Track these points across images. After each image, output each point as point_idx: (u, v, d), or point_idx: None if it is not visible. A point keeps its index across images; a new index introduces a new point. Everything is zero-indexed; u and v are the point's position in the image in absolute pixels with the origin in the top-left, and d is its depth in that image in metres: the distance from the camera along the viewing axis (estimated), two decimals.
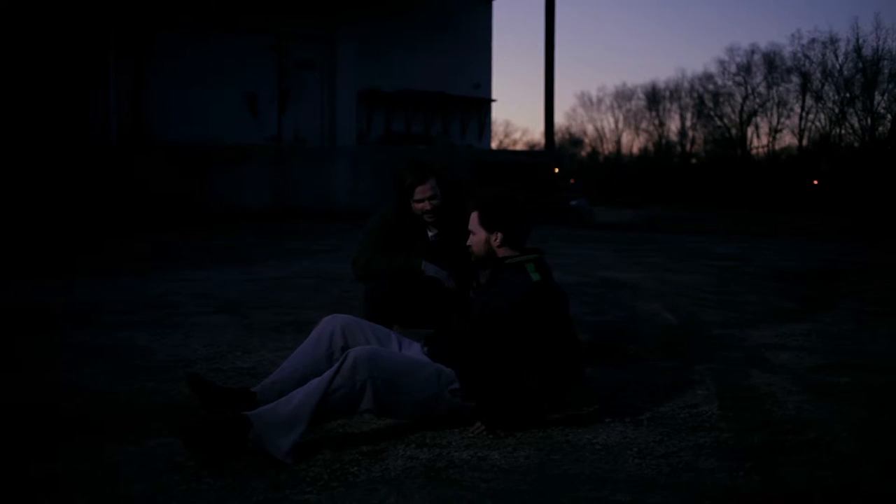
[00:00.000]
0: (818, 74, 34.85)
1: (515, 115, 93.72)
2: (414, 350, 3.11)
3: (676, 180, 37.41)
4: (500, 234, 3.01)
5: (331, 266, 7.62)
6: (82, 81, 13.57)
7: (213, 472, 2.45)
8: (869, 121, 32.42)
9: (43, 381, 3.52)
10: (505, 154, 22.94)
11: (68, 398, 3.25)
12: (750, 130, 38.61)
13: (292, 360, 3.05)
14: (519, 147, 49.64)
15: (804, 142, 36.12)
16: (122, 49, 14.05)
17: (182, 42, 14.67)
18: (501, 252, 3.03)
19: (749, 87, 38.53)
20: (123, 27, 14.03)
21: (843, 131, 33.79)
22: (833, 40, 35.45)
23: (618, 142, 46.66)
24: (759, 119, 38.39)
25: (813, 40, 37.55)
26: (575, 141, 48.40)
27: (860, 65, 32.52)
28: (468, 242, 3.09)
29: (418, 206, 3.69)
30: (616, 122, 47.26)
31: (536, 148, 39.71)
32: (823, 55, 34.48)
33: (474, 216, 3.06)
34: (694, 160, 41.68)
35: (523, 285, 2.90)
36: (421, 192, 3.66)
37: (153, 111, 14.45)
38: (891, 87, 31.83)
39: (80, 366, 3.77)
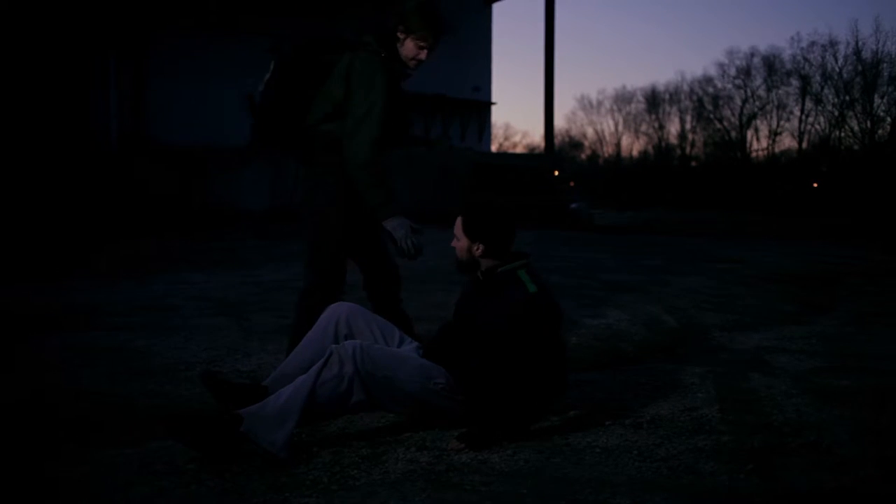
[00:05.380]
0: (818, 77, 34.95)
1: (515, 118, 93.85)
2: (410, 348, 3.11)
3: (676, 183, 37.45)
4: (481, 246, 2.97)
5: None
6: (83, 84, 13.58)
7: (213, 475, 2.45)
8: (868, 124, 32.48)
9: (43, 383, 3.52)
10: (505, 157, 22.95)
11: (68, 400, 3.25)
12: (749, 133, 38.70)
13: (299, 351, 3.05)
14: (519, 150, 49.70)
15: (804, 144, 36.20)
16: (122, 51, 14.06)
17: (182, 44, 14.68)
18: (485, 263, 2.99)
19: (749, 90, 38.61)
20: (123, 29, 14.04)
21: (842, 134, 33.85)
22: (833, 43, 35.66)
23: (618, 144, 46.73)
24: (758, 122, 38.49)
25: (812, 43, 37.81)
26: (575, 144, 48.46)
27: (860, 68, 32.59)
28: (452, 244, 3.06)
29: (412, 53, 3.31)
30: (616, 124, 47.38)
31: (536, 151, 39.72)
32: (823, 58, 34.59)
33: (459, 221, 3.01)
34: (694, 163, 41.73)
35: (522, 298, 2.89)
36: (427, 44, 3.31)
37: (153, 113, 14.45)
38: (890, 89, 31.90)
39: (80, 368, 3.77)
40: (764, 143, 38.91)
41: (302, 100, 3.30)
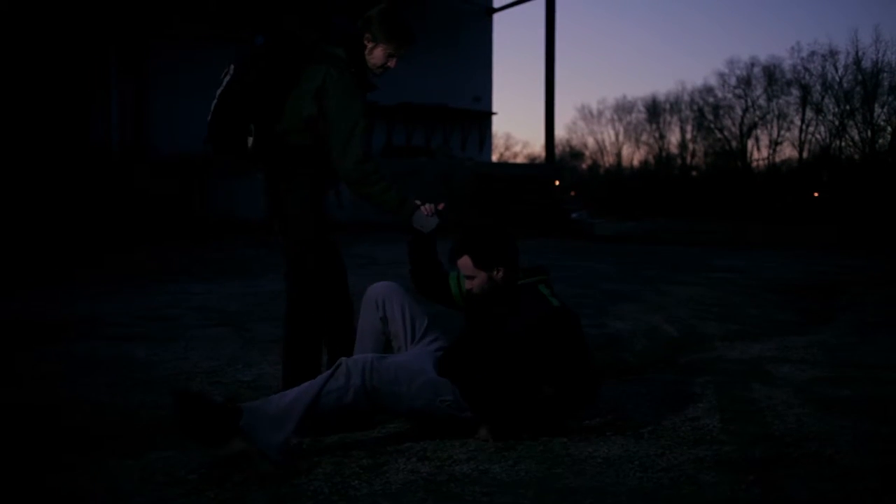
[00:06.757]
0: (818, 87, 35.04)
1: (516, 128, 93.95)
2: (430, 349, 3.11)
3: (677, 193, 37.46)
4: (501, 270, 2.99)
5: None
6: (84, 95, 13.63)
7: (214, 485, 2.44)
8: (869, 133, 32.54)
9: (43, 394, 3.52)
10: (506, 167, 22.95)
11: (68, 411, 3.25)
12: (750, 143, 38.76)
13: (359, 346, 3.16)
14: (520, 160, 49.77)
15: (804, 154, 36.25)
16: (123, 61, 14.11)
17: (183, 54, 14.72)
18: (506, 281, 3.02)
19: (749, 100, 38.69)
20: (124, 40, 14.10)
21: (843, 143, 33.91)
22: (833, 53, 35.75)
23: (618, 154, 46.78)
24: (759, 131, 38.57)
25: (812, 53, 37.92)
26: (575, 154, 48.51)
27: (860, 77, 32.68)
28: (469, 286, 3.06)
29: (381, 61, 3.27)
30: (616, 134, 47.42)
31: (537, 161, 39.75)
32: (823, 68, 34.67)
33: (466, 260, 3.00)
34: (694, 172, 41.79)
35: (544, 311, 2.90)
36: (396, 53, 3.26)
37: (154, 123, 14.49)
38: (890, 99, 31.98)
39: (81, 378, 3.77)
40: (764, 153, 39.04)
41: (269, 108, 3.21)
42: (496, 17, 19.64)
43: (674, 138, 44.31)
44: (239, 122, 3.21)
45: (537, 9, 20.10)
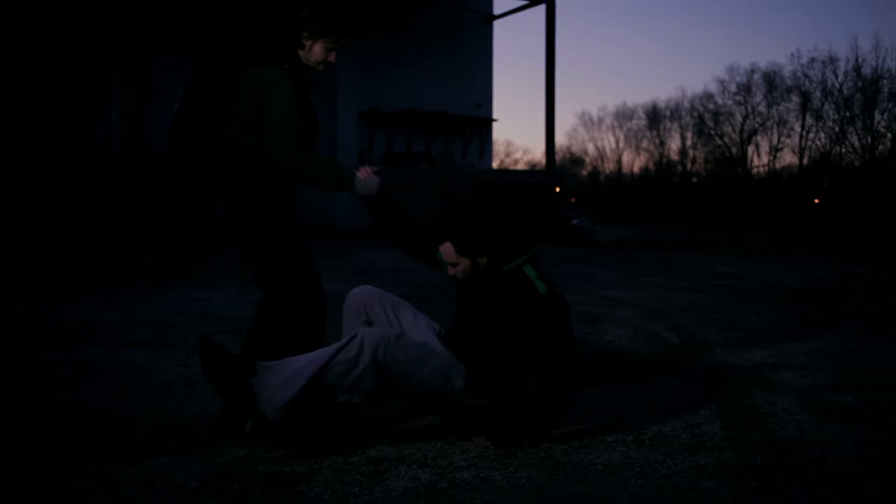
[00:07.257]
0: (818, 93, 35.10)
1: (516, 135, 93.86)
2: (429, 332, 3.11)
3: (677, 199, 37.46)
4: (486, 256, 3.00)
5: (329, 285, 7.60)
6: (84, 96, 13.66)
7: (214, 492, 2.44)
8: (869, 139, 32.58)
9: (43, 399, 3.51)
10: (506, 173, 22.96)
11: (69, 417, 3.25)
12: (750, 149, 38.78)
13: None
14: (520, 166, 49.75)
15: (805, 160, 36.27)
16: (123, 62, 14.14)
17: (183, 60, 14.72)
18: (490, 266, 3.02)
19: (749, 107, 38.72)
20: (124, 41, 14.15)
21: (843, 150, 33.94)
22: (832, 59, 35.79)
23: (619, 161, 46.79)
24: (759, 138, 38.56)
25: (812, 60, 37.95)
26: (576, 160, 48.52)
27: (860, 84, 32.73)
28: (451, 272, 3.06)
29: (321, 57, 3.33)
30: (617, 141, 47.43)
31: (537, 167, 39.76)
32: (823, 74, 34.73)
33: (448, 247, 3.01)
34: (694, 179, 41.80)
35: (531, 298, 2.90)
36: (333, 47, 3.33)
37: (154, 124, 14.49)
38: (890, 105, 32.02)
39: (81, 384, 3.77)
40: (765, 160, 39.09)
41: (213, 119, 3.28)
42: (496, 23, 19.64)
43: (674, 145, 44.25)
44: (189, 134, 3.29)
45: (537, 15, 20.14)
